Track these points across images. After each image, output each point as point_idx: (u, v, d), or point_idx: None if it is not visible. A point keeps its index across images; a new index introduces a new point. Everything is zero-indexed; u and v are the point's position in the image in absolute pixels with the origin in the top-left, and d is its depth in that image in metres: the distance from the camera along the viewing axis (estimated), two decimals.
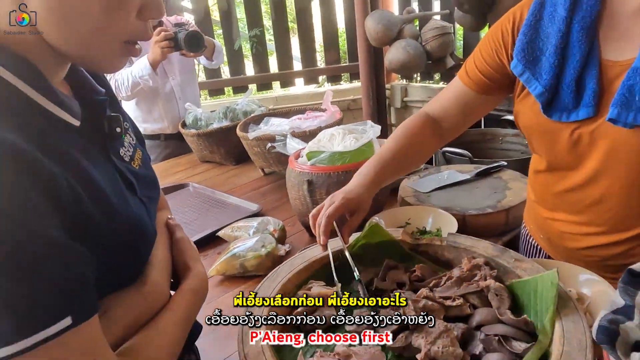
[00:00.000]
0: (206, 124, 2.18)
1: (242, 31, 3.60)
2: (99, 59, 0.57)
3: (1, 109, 0.49)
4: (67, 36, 0.53)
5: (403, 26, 2.71)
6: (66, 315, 0.48)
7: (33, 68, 0.53)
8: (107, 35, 0.54)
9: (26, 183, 0.46)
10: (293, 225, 1.45)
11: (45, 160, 0.48)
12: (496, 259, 0.80)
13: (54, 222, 0.48)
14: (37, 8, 0.51)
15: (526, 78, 0.87)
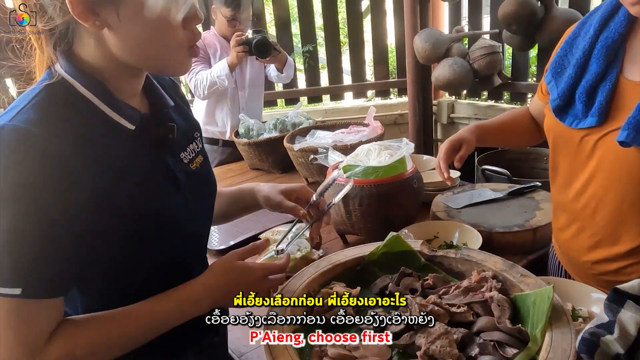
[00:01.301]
0: (257, 134, 2.34)
1: (296, 46, 3.77)
2: (170, 66, 0.75)
3: (60, 112, 0.67)
4: (142, 58, 0.72)
5: (451, 44, 2.77)
6: (18, 286, 0.62)
7: (101, 84, 0.71)
8: (170, 48, 0.71)
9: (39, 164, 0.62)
10: (329, 232, 1.56)
11: (70, 150, 0.64)
12: (504, 273, 0.87)
13: (58, 202, 0.63)
14: (115, 44, 0.69)
15: (551, 87, 0.99)
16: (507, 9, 2.38)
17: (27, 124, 0.63)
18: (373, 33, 3.44)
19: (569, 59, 0.96)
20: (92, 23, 0.66)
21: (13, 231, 0.62)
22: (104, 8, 0.65)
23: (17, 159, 0.62)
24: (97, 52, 0.70)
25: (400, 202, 1.37)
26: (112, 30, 0.68)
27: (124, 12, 0.66)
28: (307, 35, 3.48)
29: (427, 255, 0.97)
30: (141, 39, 0.69)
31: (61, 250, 0.66)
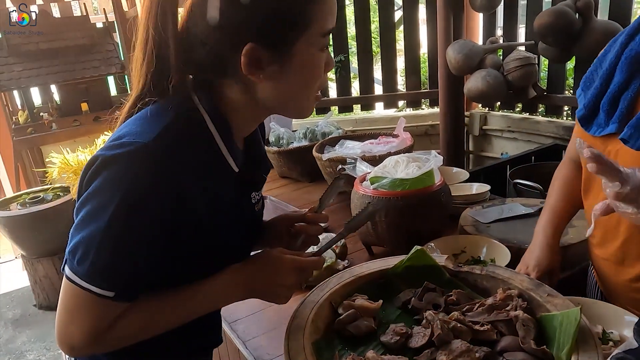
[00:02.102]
0: (287, 143, 2.36)
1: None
2: (302, 109, 0.78)
3: (190, 140, 0.70)
4: (286, 103, 0.76)
5: (485, 55, 2.73)
6: (112, 290, 0.67)
7: (228, 124, 0.76)
8: (312, 93, 0.76)
9: (155, 189, 0.66)
10: (355, 243, 1.56)
11: (182, 174, 0.69)
12: (530, 292, 0.85)
13: (163, 219, 0.68)
14: (267, 92, 0.73)
15: (580, 99, 1.00)
16: (543, 20, 2.33)
17: (158, 144, 0.67)
18: (405, 43, 3.43)
19: (598, 73, 0.97)
20: (256, 77, 0.70)
21: (119, 238, 0.66)
22: (269, 62, 0.69)
23: (142, 173, 0.66)
24: (240, 96, 0.74)
25: (427, 215, 1.36)
26: (270, 81, 0.72)
27: (288, 66, 0.71)
28: (339, 44, 3.51)
29: (451, 271, 0.97)
30: (296, 87, 0.73)
31: (152, 262, 0.71)
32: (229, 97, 0.75)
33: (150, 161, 0.66)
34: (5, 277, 3.70)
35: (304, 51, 0.70)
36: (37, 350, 2.83)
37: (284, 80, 0.72)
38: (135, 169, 0.65)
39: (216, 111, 0.74)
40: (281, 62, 0.70)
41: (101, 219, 0.65)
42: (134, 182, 0.65)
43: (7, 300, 3.39)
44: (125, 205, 0.65)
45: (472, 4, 2.80)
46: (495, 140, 3.19)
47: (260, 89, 0.73)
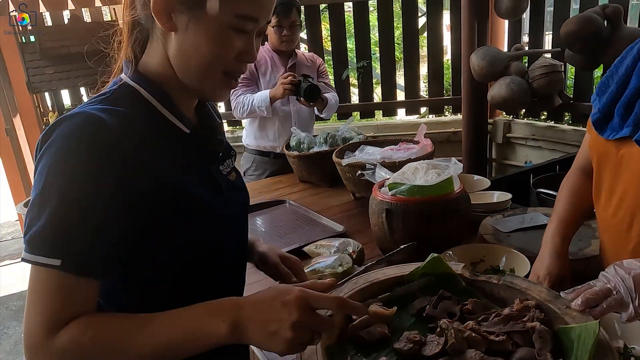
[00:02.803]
0: (308, 147, 2.37)
1: (351, 61, 3.81)
2: (208, 90, 0.80)
3: (126, 110, 0.74)
4: (185, 70, 0.77)
5: (510, 62, 2.70)
6: (58, 257, 0.64)
7: (163, 91, 0.79)
8: (213, 69, 0.76)
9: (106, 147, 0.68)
10: (373, 249, 1.55)
11: (126, 139, 0.70)
12: (548, 303, 0.84)
13: (109, 184, 0.67)
14: (173, 49, 0.76)
15: (595, 103, 1.00)
16: (570, 27, 2.29)
17: (101, 113, 0.69)
18: (429, 49, 3.42)
19: (614, 79, 0.97)
20: (163, 22, 0.73)
21: (64, 205, 0.65)
22: (178, 12, 0.72)
23: (88, 139, 0.67)
24: (160, 58, 0.78)
25: (445, 222, 1.34)
26: (176, 35, 0.74)
27: (195, 25, 0.73)
28: (362, 50, 3.51)
29: (468, 279, 0.95)
30: (198, 53, 0.74)
31: (107, 232, 0.68)
32: (152, 62, 0.79)
33: (85, 124, 0.68)
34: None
35: (213, 19, 0.72)
36: None
37: (189, 40, 0.74)
38: (70, 134, 0.67)
39: (147, 80, 0.78)
40: (191, 17, 0.72)
41: (37, 188, 0.66)
42: (68, 146, 0.66)
43: None
44: (56, 169, 0.66)
45: (498, 11, 2.78)
46: (519, 149, 3.15)
47: (171, 47, 0.76)
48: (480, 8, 2.83)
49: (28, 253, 0.66)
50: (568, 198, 1.15)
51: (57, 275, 0.65)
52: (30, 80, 3.62)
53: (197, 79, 0.78)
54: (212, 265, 0.84)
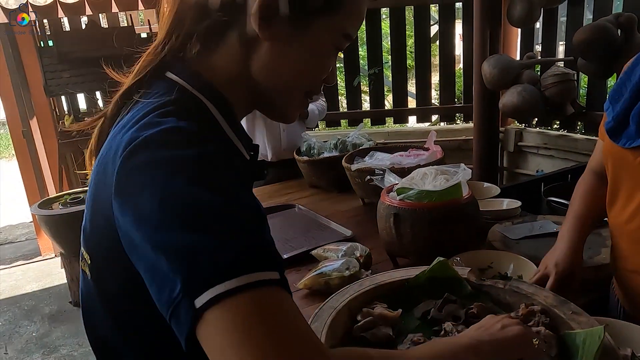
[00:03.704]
0: (318, 153, 2.39)
1: (363, 68, 3.83)
2: (286, 108, 0.70)
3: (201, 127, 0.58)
4: (272, 83, 0.66)
5: (522, 71, 2.69)
6: (275, 269, 0.47)
7: (231, 110, 0.66)
8: (301, 88, 0.68)
9: (222, 153, 0.55)
10: (380, 253, 1.55)
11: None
12: (554, 309, 0.84)
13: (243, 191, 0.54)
14: (262, 61, 0.64)
15: (608, 112, 1.00)
16: (583, 36, 2.28)
17: (192, 126, 0.56)
18: (441, 57, 3.42)
19: (627, 86, 0.97)
20: (263, 30, 0.61)
21: (230, 208, 0.50)
22: (282, 20, 0.62)
23: (201, 145, 0.54)
24: (234, 65, 0.65)
25: (453, 228, 1.34)
26: (271, 44, 0.63)
27: (298, 38, 0.63)
28: (374, 58, 3.53)
29: (474, 284, 0.96)
30: (294, 70, 0.66)
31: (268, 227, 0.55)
32: (222, 67, 0.65)
33: (191, 134, 0.54)
34: (45, 274, 3.86)
35: (320, 34, 0.64)
36: (70, 345, 2.93)
37: (287, 52, 0.64)
38: (182, 143, 0.53)
39: (211, 89, 0.64)
40: (294, 28, 0.62)
41: (199, 205, 0.48)
42: (191, 154, 0.52)
43: (45, 296, 3.53)
44: (208, 174, 0.51)
45: (510, 19, 2.77)
46: (531, 157, 3.13)
47: (259, 55, 0.64)
48: (493, 16, 2.83)
49: (233, 278, 0.44)
50: (584, 197, 1.16)
51: (279, 292, 0.47)
52: (47, 83, 3.70)
53: (282, 96, 0.68)
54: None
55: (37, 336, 3.06)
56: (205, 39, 0.64)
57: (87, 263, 0.64)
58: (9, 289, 3.67)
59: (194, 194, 0.48)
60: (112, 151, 0.57)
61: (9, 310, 3.38)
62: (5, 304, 3.47)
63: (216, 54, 0.65)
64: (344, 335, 0.86)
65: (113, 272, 0.56)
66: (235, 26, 0.63)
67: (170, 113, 0.57)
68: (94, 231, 0.60)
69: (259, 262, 0.47)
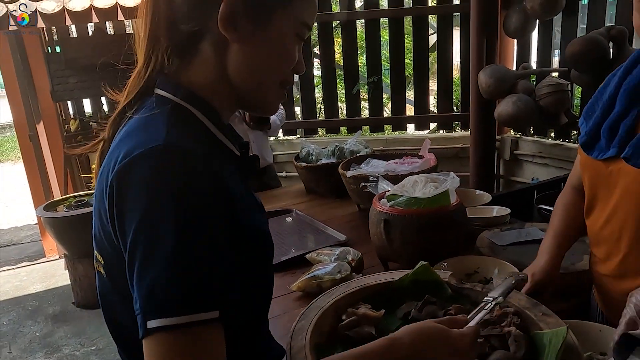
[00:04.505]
0: (316, 159, 2.45)
1: (362, 76, 3.89)
2: (265, 101, 0.77)
3: (192, 134, 0.67)
4: (248, 81, 0.72)
5: (517, 81, 2.75)
6: (215, 308, 0.56)
7: (214, 110, 0.72)
8: (275, 81, 0.74)
9: (206, 181, 0.60)
10: (373, 258, 1.60)
11: (215, 169, 0.63)
12: (526, 310, 0.89)
13: (220, 218, 0.61)
14: (235, 61, 0.71)
15: (582, 127, 1.07)
16: (575, 48, 2.34)
17: (180, 142, 0.61)
18: (439, 66, 3.48)
19: (599, 104, 1.04)
20: (230, 33, 0.67)
21: (190, 249, 0.57)
22: (245, 22, 0.68)
23: (186, 177, 0.59)
24: (212, 71, 0.71)
25: (441, 234, 1.40)
26: (240, 46, 0.69)
27: (261, 34, 0.69)
28: (373, 66, 3.60)
29: (454, 287, 1.01)
30: (264, 64, 0.72)
31: (227, 267, 0.61)
32: (202, 75, 0.71)
33: (178, 158, 0.59)
34: (49, 275, 3.93)
35: (281, 27, 0.70)
36: (72, 345, 2.99)
37: (255, 49, 0.70)
38: (163, 171, 0.58)
39: (197, 98, 0.70)
40: (257, 27, 0.69)
41: (166, 240, 0.56)
42: (172, 185, 0.58)
43: (48, 297, 3.60)
44: (177, 208, 0.57)
45: (506, 30, 2.84)
46: (527, 165, 3.18)
47: (231, 57, 0.70)
48: (489, 27, 2.89)
49: (180, 315, 0.55)
50: (563, 213, 1.22)
51: (205, 331, 0.56)
52: (54, 89, 3.78)
53: (259, 91, 0.74)
54: (268, 285, 0.81)
55: (41, 336, 3.12)
56: (182, 52, 0.71)
57: (101, 264, 0.71)
58: (13, 290, 3.74)
59: (163, 230, 0.56)
60: (109, 166, 0.64)
61: (13, 310, 3.45)
62: (9, 304, 3.53)
63: (194, 64, 0.72)
64: (329, 333, 0.91)
65: (122, 270, 0.62)
66: (206, 36, 0.70)
67: (161, 124, 0.64)
68: (102, 237, 0.67)
69: (201, 303, 0.56)
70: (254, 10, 0.68)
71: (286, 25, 0.71)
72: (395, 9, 3.50)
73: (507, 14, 2.87)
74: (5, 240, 4.83)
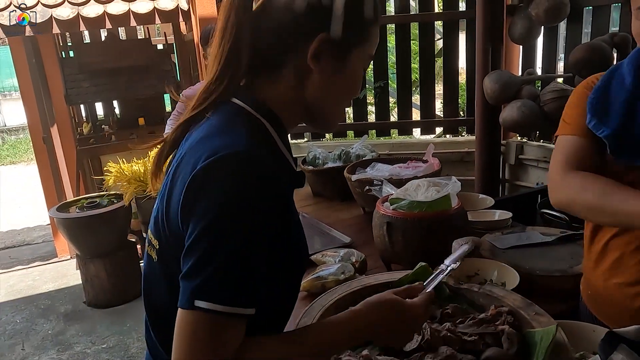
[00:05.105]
0: (322, 163, 2.49)
1: (369, 80, 3.94)
2: (331, 119, 0.85)
3: (266, 146, 0.74)
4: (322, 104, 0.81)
5: (522, 86, 2.78)
6: (253, 306, 0.66)
7: (284, 129, 0.80)
8: (345, 103, 0.85)
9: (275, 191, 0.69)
10: (376, 260, 1.64)
11: (282, 182, 0.71)
12: (520, 310, 0.93)
13: (278, 227, 0.70)
14: (315, 87, 0.78)
15: (594, 124, 1.00)
16: (578, 55, 2.37)
17: (258, 152, 0.69)
18: (445, 71, 3.52)
19: (611, 100, 0.99)
20: (314, 66, 0.76)
21: (252, 251, 0.66)
22: (328, 56, 0.76)
23: (260, 184, 0.67)
24: (289, 90, 0.78)
25: (442, 237, 1.43)
26: (321, 75, 0.77)
27: (340, 68, 0.78)
28: (380, 71, 3.64)
29: (452, 287, 1.05)
30: (337, 92, 0.81)
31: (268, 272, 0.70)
32: (278, 94, 0.78)
33: (257, 166, 0.67)
34: (61, 274, 4.01)
35: (355, 61, 0.79)
36: (83, 343, 3.06)
37: (331, 80, 0.78)
38: (245, 175, 0.66)
39: (269, 111, 0.77)
40: (336, 62, 0.77)
41: (232, 239, 0.65)
42: (251, 189, 0.66)
43: (60, 296, 3.67)
44: (250, 212, 0.65)
45: (511, 36, 2.87)
46: (532, 170, 3.20)
47: (310, 84, 0.78)
48: (495, 33, 2.92)
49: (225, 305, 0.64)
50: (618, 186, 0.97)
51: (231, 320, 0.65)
52: (67, 92, 3.88)
53: (330, 112, 0.83)
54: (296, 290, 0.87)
55: (53, 334, 3.19)
56: (262, 72, 0.79)
57: (155, 248, 0.78)
58: (26, 289, 3.83)
59: (232, 229, 0.65)
60: (188, 164, 0.70)
61: (27, 308, 3.53)
62: (22, 302, 3.62)
63: (272, 83, 0.79)
64: None
65: (176, 257, 0.70)
66: (289, 62, 0.77)
67: (243, 132, 0.72)
68: (164, 222, 0.74)
69: (244, 299, 0.65)
70: (337, 48, 0.77)
71: (359, 61, 0.80)
72: (402, 15, 3.54)
73: (512, 20, 2.90)
74: (18, 241, 4.93)
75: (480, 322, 0.91)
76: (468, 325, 0.91)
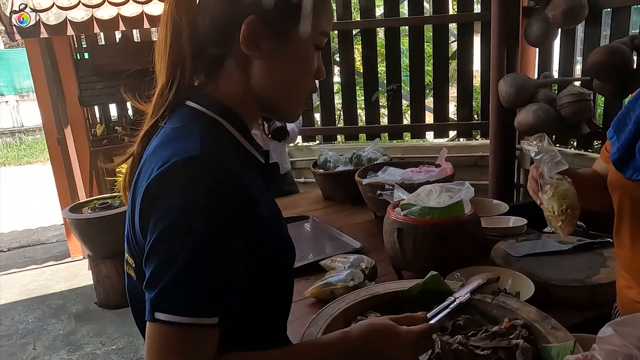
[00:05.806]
0: (333, 166, 2.47)
1: (382, 83, 3.91)
2: (290, 110, 0.81)
3: (223, 145, 0.71)
4: (274, 93, 0.77)
5: (538, 90, 2.72)
6: (216, 315, 0.63)
7: (242, 122, 0.77)
8: (300, 91, 0.79)
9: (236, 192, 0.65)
10: (387, 266, 1.61)
11: (245, 180, 0.67)
12: (535, 323, 0.89)
13: (244, 228, 0.66)
14: (259, 76, 0.75)
15: (613, 141, 1.02)
16: (596, 57, 2.31)
17: (214, 153, 0.67)
18: (459, 74, 3.47)
19: (631, 116, 0.98)
20: (252, 52, 0.72)
21: (209, 257, 0.62)
22: (265, 40, 0.72)
23: (218, 186, 0.63)
24: (238, 85, 0.75)
25: (454, 244, 1.40)
26: (264, 61, 0.74)
27: (282, 50, 0.74)
28: (393, 74, 3.61)
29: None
30: (287, 77, 0.76)
31: (241, 274, 0.66)
32: (229, 89, 0.75)
33: (211, 168, 0.64)
34: (73, 275, 4.04)
35: (299, 40, 0.73)
36: (93, 344, 3.07)
37: (276, 64, 0.74)
38: (200, 179, 0.63)
39: (224, 108, 0.74)
40: (277, 43, 0.73)
41: (190, 246, 0.61)
42: (208, 192, 0.63)
43: (72, 296, 3.70)
44: (208, 216, 0.62)
45: (527, 38, 2.82)
46: None
47: (254, 73, 0.74)
48: (510, 36, 2.87)
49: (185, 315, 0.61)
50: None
51: (199, 330, 0.63)
52: (81, 94, 3.90)
53: (284, 100, 0.78)
54: (288, 291, 0.83)
55: (64, 334, 3.21)
56: (207, 69, 0.76)
57: (132, 267, 0.75)
58: (39, 288, 3.86)
59: (191, 235, 0.62)
60: (147, 173, 0.68)
61: (39, 308, 3.56)
62: (35, 302, 3.65)
63: (220, 79, 0.76)
64: None
65: None
66: (230, 54, 0.74)
67: (196, 136, 0.68)
68: (134, 241, 0.72)
69: (205, 309, 0.62)
70: (273, 29, 0.72)
71: (304, 39, 0.74)
72: (416, 18, 3.51)
73: (528, 22, 2.85)
74: (32, 240, 4.99)
75: (494, 335, 0.88)
76: (480, 339, 0.88)
